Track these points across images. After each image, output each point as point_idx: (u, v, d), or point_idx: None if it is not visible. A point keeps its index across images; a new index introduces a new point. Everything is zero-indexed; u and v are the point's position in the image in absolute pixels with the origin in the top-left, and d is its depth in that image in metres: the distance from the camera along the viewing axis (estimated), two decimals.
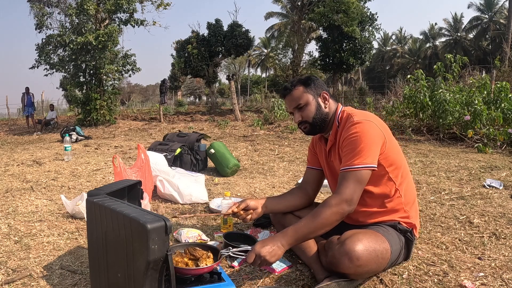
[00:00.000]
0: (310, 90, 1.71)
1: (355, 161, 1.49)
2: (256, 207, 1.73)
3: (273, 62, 31.98)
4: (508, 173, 3.49)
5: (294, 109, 1.73)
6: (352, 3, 15.03)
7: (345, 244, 1.41)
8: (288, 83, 1.78)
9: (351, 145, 1.52)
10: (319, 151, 1.86)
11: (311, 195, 1.89)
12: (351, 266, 1.38)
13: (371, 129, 1.54)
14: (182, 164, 3.76)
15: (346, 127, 1.60)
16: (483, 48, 35.19)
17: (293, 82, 1.76)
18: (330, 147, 1.73)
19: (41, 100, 19.32)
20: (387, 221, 1.62)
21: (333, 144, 1.70)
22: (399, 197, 1.62)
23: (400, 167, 1.64)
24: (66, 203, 2.51)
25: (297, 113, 1.72)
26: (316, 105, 1.71)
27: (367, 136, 1.51)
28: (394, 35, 43.74)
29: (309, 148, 1.96)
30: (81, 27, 11.72)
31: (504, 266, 1.69)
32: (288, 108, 1.77)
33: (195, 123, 11.42)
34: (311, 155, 1.92)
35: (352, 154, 1.50)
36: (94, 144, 7.06)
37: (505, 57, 11.40)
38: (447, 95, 5.90)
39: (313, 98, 1.71)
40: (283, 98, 1.80)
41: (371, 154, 1.50)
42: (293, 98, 1.72)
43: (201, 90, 43.05)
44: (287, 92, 1.75)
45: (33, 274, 1.70)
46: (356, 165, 1.48)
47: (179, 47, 17.23)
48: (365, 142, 1.50)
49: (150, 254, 1.17)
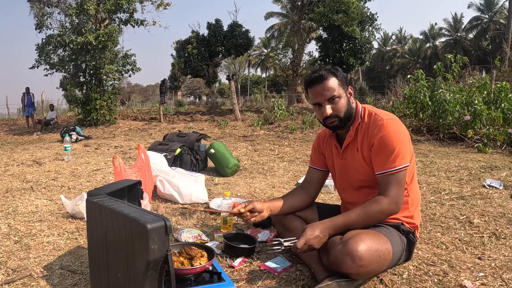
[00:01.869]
0: (341, 82, 1.62)
1: (396, 163, 1.51)
2: (262, 210, 1.71)
3: (273, 62, 31.99)
4: (508, 173, 3.49)
5: (325, 101, 1.59)
6: (352, 3, 15.03)
7: (348, 244, 1.41)
8: (319, 71, 1.61)
9: (387, 146, 1.53)
10: (328, 150, 1.81)
11: (313, 195, 1.88)
12: (354, 266, 1.38)
13: (401, 128, 1.57)
14: (182, 164, 3.76)
15: (374, 125, 1.58)
16: (483, 48, 35.19)
17: (323, 70, 1.61)
18: (348, 143, 1.67)
19: (41, 100, 19.32)
20: (392, 221, 1.62)
21: (353, 139, 1.65)
22: (406, 196, 1.63)
23: (412, 167, 1.65)
24: (66, 203, 2.51)
25: (328, 105, 1.59)
26: (347, 99, 1.63)
27: (400, 135, 1.54)
28: (394, 35, 43.76)
29: (313, 147, 1.92)
30: (81, 27, 11.72)
31: (504, 266, 1.69)
32: (317, 98, 1.61)
33: (195, 123, 11.42)
34: (316, 154, 1.89)
35: (391, 157, 1.52)
36: (94, 144, 7.06)
37: (505, 57, 11.40)
38: (447, 95, 5.90)
39: (344, 91, 1.62)
40: (310, 87, 1.62)
41: (406, 154, 1.54)
42: (328, 88, 1.58)
43: (201, 90, 43.05)
44: (320, 80, 1.59)
45: (33, 274, 1.70)
46: (397, 167, 1.51)
47: (179, 47, 17.24)
48: (400, 142, 1.53)
49: (150, 254, 1.17)
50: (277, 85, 34.36)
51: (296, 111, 11.07)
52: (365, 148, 1.61)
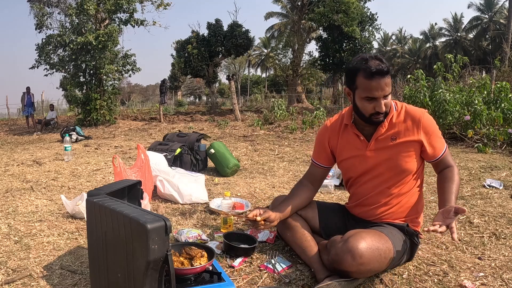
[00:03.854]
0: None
1: (445, 144, 1.67)
2: (274, 220, 1.69)
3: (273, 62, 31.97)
4: (508, 173, 3.49)
5: (382, 96, 1.53)
6: (352, 3, 15.04)
7: (349, 241, 1.42)
8: (383, 63, 1.52)
9: (437, 131, 1.64)
10: (343, 141, 1.73)
11: (316, 190, 1.86)
12: (354, 264, 1.39)
13: None
14: (182, 164, 3.76)
15: (420, 115, 1.62)
16: (483, 48, 35.21)
17: (386, 64, 1.53)
18: (380, 135, 1.63)
19: (41, 100, 19.34)
20: (398, 222, 1.64)
21: (386, 130, 1.63)
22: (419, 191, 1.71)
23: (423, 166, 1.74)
24: (66, 203, 2.51)
25: (383, 101, 1.54)
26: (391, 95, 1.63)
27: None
28: (394, 35, 43.80)
29: (319, 141, 1.83)
30: (81, 27, 11.72)
31: (504, 266, 1.69)
32: (377, 92, 1.52)
33: (195, 123, 11.41)
34: (321, 149, 1.81)
35: (441, 139, 1.65)
36: (94, 144, 7.06)
37: (505, 57, 11.40)
38: (447, 95, 5.90)
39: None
40: (372, 78, 1.49)
41: None
42: (388, 83, 1.52)
43: (201, 90, 43.06)
44: (385, 74, 1.50)
45: (33, 274, 1.70)
46: (446, 147, 1.68)
47: (179, 47, 17.25)
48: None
49: (150, 254, 1.17)
50: (277, 85, 34.38)
51: (296, 111, 11.07)
52: (409, 134, 1.61)
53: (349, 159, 1.73)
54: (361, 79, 1.53)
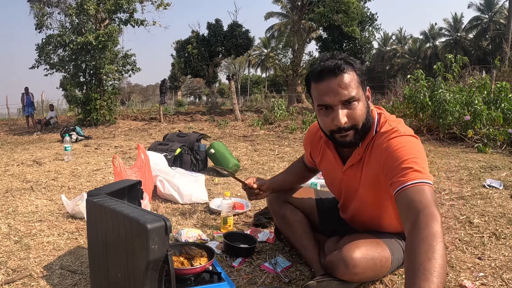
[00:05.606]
0: (361, 80, 1.21)
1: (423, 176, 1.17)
2: (267, 190, 1.72)
3: (273, 62, 31.98)
4: (508, 173, 3.49)
5: (339, 103, 1.17)
6: (352, 3, 15.04)
7: (342, 251, 1.32)
8: (334, 59, 1.18)
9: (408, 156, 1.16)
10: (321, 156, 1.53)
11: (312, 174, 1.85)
12: (347, 273, 1.32)
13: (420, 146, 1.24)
14: (182, 164, 3.76)
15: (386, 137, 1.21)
16: (483, 48, 35.22)
17: (340, 59, 1.18)
18: (358, 160, 1.33)
19: (41, 100, 19.34)
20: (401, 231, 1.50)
21: (365, 155, 1.31)
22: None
23: None
24: (67, 203, 2.51)
25: (343, 111, 1.17)
26: (366, 103, 1.22)
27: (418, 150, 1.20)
28: (394, 35, 43.80)
29: (304, 145, 1.70)
30: (81, 27, 11.73)
31: (504, 266, 1.68)
32: (327, 97, 1.17)
33: (195, 123, 11.42)
34: (307, 154, 1.70)
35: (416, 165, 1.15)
36: (94, 144, 7.06)
37: (505, 57, 11.41)
38: (447, 95, 5.90)
39: (363, 92, 1.21)
40: (319, 80, 1.18)
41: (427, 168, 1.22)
42: (345, 84, 1.15)
43: (201, 90, 43.05)
44: (336, 73, 1.15)
45: (33, 274, 1.70)
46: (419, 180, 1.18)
47: (179, 47, 17.26)
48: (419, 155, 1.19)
49: (150, 254, 1.17)
50: (277, 85, 34.39)
51: (296, 111, 11.08)
52: (372, 169, 1.27)
53: (327, 176, 1.58)
54: (312, 85, 1.24)
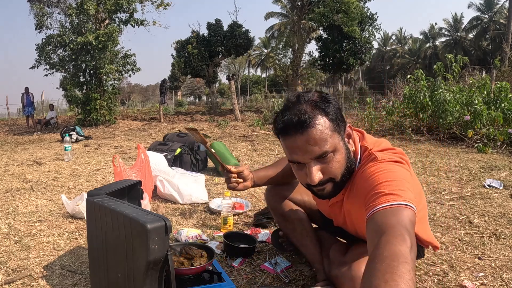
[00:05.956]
0: (335, 124, 1.05)
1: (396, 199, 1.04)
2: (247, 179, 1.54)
3: (273, 62, 32.00)
4: (508, 173, 3.49)
5: (310, 160, 1.04)
6: (352, 3, 15.05)
7: (352, 269, 1.21)
8: (298, 108, 1.03)
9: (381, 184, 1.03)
10: None
11: None
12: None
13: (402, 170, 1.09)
14: (182, 164, 3.76)
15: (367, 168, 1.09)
16: (483, 48, 35.23)
17: (306, 106, 1.03)
18: (340, 200, 1.25)
19: (41, 100, 19.35)
20: None
21: (347, 196, 1.21)
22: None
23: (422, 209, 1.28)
24: (67, 203, 2.51)
25: (316, 166, 1.04)
26: (345, 149, 1.08)
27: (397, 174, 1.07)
28: (394, 35, 43.82)
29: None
30: (81, 27, 11.74)
31: (504, 266, 1.68)
32: (296, 155, 1.06)
33: (195, 123, 11.42)
34: None
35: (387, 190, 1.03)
36: (94, 144, 7.06)
37: (505, 57, 11.41)
38: (447, 95, 5.90)
39: (340, 137, 1.07)
40: (284, 135, 1.07)
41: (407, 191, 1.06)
42: (315, 140, 1.01)
43: (201, 90, 43.06)
44: (301, 128, 1.01)
45: (33, 274, 1.70)
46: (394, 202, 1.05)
47: (179, 47, 17.27)
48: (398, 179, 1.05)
49: (150, 254, 1.17)
50: (277, 85, 34.37)
51: None
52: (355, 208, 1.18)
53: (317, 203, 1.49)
54: (280, 137, 1.12)
